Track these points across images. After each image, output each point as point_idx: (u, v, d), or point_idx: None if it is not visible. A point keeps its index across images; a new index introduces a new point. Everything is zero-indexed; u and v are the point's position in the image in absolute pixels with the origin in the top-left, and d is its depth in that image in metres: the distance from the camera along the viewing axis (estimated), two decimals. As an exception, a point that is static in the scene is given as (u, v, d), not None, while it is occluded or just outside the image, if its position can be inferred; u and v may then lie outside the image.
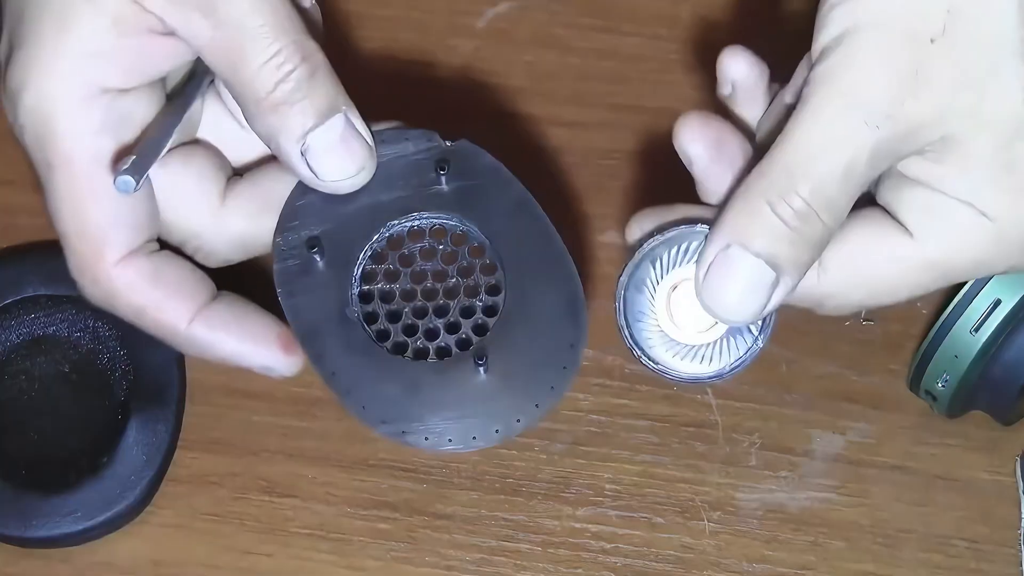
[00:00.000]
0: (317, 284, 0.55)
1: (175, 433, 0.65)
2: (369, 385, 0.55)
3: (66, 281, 0.64)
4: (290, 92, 0.52)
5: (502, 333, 0.55)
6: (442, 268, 0.56)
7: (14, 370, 0.66)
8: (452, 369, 0.55)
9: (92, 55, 0.52)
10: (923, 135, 0.50)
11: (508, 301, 0.56)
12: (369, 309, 0.56)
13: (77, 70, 0.52)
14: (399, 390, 0.55)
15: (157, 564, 0.63)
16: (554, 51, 0.73)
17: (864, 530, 0.64)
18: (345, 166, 0.53)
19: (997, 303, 0.60)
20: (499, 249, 0.56)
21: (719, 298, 0.51)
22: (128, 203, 0.53)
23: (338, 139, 0.53)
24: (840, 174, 0.49)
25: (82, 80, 0.52)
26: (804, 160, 0.49)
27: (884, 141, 0.49)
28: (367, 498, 0.65)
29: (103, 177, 0.52)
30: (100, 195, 0.52)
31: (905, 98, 0.49)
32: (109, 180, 0.52)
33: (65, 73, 0.52)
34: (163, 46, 0.53)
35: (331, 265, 0.56)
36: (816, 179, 0.49)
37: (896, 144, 0.50)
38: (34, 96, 0.52)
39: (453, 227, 0.56)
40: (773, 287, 0.50)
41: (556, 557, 0.64)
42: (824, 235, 0.50)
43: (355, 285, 0.56)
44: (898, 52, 0.49)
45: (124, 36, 0.52)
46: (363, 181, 0.54)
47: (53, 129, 0.52)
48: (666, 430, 0.66)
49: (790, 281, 0.50)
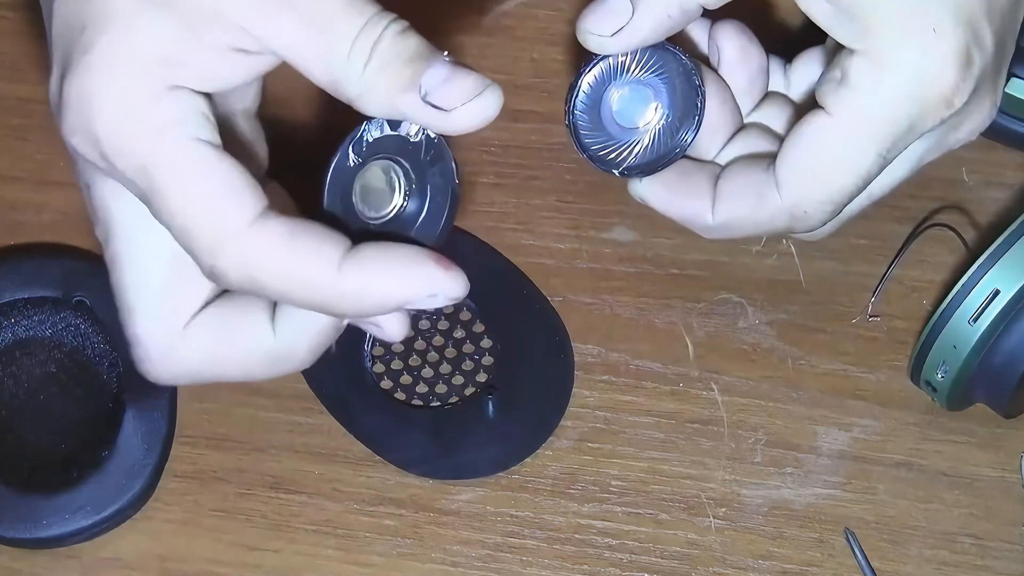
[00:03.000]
0: (335, 364, 0.64)
1: (172, 419, 0.65)
2: (400, 437, 0.65)
3: (42, 282, 0.66)
4: (389, 50, 0.50)
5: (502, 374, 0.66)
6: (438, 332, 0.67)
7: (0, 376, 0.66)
8: (466, 410, 0.65)
9: (164, 60, 0.50)
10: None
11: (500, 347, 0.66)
12: (384, 374, 0.67)
13: (148, 69, 0.50)
14: (426, 436, 0.65)
15: (163, 559, 0.64)
16: (560, 48, 0.73)
17: (869, 526, 0.64)
18: (469, 87, 0.50)
19: (996, 293, 0.60)
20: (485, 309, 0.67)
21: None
22: (235, 172, 0.51)
23: (450, 71, 0.51)
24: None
25: (155, 77, 0.50)
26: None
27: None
28: (373, 494, 0.65)
29: (204, 152, 0.50)
30: (206, 171, 0.51)
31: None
32: (210, 153, 0.50)
33: (138, 72, 0.50)
34: (233, 58, 0.51)
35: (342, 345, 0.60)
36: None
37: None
38: (110, 95, 0.50)
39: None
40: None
41: (562, 553, 0.64)
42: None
43: (368, 359, 0.66)
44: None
45: (197, 42, 0.51)
46: (493, 109, 0.51)
47: (136, 127, 0.50)
48: (672, 427, 0.66)
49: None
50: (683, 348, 0.67)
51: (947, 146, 0.61)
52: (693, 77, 0.60)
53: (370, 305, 0.51)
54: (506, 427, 0.65)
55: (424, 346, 0.67)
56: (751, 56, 0.62)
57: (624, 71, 0.60)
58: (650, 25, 0.58)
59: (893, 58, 0.56)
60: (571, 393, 0.66)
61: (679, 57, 0.60)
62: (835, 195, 0.58)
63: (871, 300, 0.67)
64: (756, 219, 0.60)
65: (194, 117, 0.51)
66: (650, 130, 0.61)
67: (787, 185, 0.59)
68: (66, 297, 0.67)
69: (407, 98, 0.51)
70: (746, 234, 0.62)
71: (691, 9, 0.58)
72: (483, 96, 0.50)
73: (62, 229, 0.70)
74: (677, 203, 0.62)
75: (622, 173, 0.62)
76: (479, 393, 0.66)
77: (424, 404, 0.66)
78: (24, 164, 0.71)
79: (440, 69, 0.50)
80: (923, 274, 0.68)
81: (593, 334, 0.68)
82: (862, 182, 0.58)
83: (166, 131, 0.50)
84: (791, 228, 0.60)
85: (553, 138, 0.71)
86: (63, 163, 0.71)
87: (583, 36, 0.59)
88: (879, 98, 0.56)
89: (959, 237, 0.66)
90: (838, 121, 0.57)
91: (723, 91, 0.62)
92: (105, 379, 0.66)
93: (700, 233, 0.62)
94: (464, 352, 0.67)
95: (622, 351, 0.67)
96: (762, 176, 0.60)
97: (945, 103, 0.56)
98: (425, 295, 0.51)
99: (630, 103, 0.61)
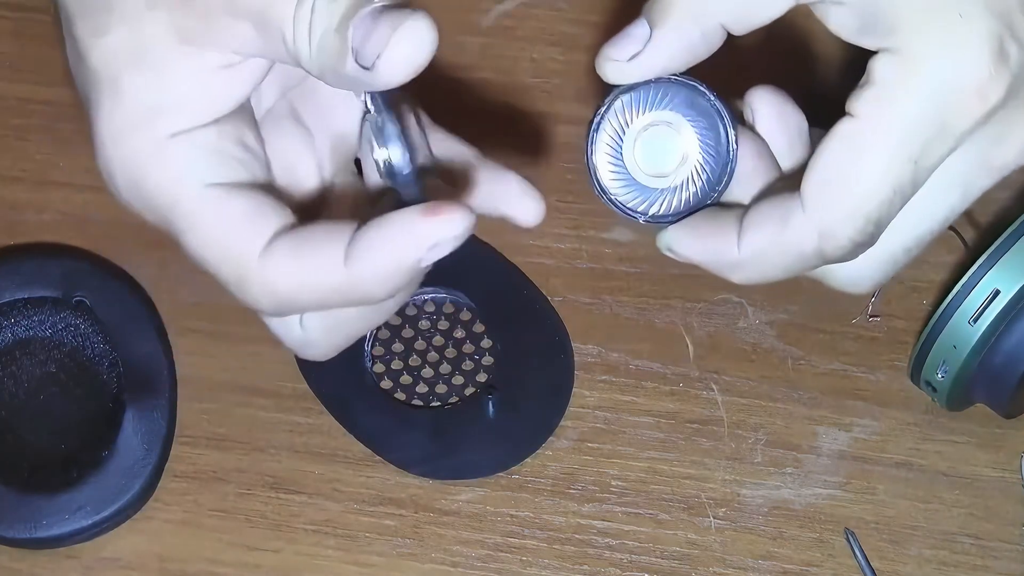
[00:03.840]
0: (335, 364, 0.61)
1: (172, 419, 0.65)
2: (400, 438, 0.65)
3: (42, 282, 0.66)
4: (320, 23, 0.48)
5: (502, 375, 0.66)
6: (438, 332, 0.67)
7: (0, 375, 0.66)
8: (466, 410, 0.66)
9: (156, 111, 0.50)
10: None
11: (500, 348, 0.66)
12: (384, 374, 0.67)
13: (143, 128, 0.51)
14: (426, 436, 0.65)
15: (163, 560, 0.64)
16: (560, 48, 0.73)
17: (869, 526, 0.64)
18: (384, 33, 0.47)
19: (996, 294, 0.60)
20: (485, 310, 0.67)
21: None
22: (245, 204, 0.51)
23: (371, 23, 0.47)
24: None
25: (154, 133, 0.51)
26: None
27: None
28: (373, 494, 0.65)
29: (213, 197, 0.51)
30: (217, 214, 0.51)
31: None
32: (219, 195, 0.50)
33: (135, 134, 0.51)
34: (219, 81, 0.51)
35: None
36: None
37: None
38: (119, 162, 0.51)
39: (442, 299, 0.68)
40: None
41: (562, 553, 0.64)
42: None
43: (368, 359, 0.67)
44: None
45: (178, 83, 0.51)
46: (414, 50, 0.47)
47: (148, 186, 0.51)
48: (672, 427, 0.66)
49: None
50: (683, 348, 0.67)
51: (997, 169, 0.54)
52: (724, 120, 0.54)
53: (390, 282, 0.49)
54: (506, 427, 0.65)
55: (424, 346, 0.67)
56: (788, 117, 0.56)
57: (648, 110, 0.55)
58: (668, 50, 0.53)
59: (918, 51, 0.51)
60: (571, 393, 0.66)
61: (708, 97, 0.54)
62: (863, 206, 0.51)
63: (871, 300, 0.67)
64: (783, 245, 0.53)
65: (200, 160, 0.51)
66: (678, 178, 0.55)
67: (811, 199, 0.52)
68: (66, 297, 0.67)
69: (346, 66, 0.48)
70: (777, 268, 0.54)
71: (712, 33, 0.53)
72: (401, 40, 0.47)
73: (62, 229, 0.70)
74: (702, 245, 0.55)
75: (647, 221, 0.56)
76: (479, 393, 0.66)
77: (424, 404, 0.66)
78: (24, 164, 0.71)
79: (360, 25, 0.47)
80: (923, 274, 0.68)
81: (593, 334, 0.68)
82: (892, 191, 0.51)
83: (175, 184, 0.51)
84: (823, 253, 0.53)
85: (553, 138, 0.71)
86: (63, 163, 0.71)
87: (601, 64, 0.54)
88: (905, 93, 0.51)
89: (959, 237, 0.66)
90: (863, 123, 0.52)
91: (759, 143, 0.56)
92: (105, 379, 0.66)
93: (730, 277, 0.55)
94: (464, 352, 0.67)
95: (622, 351, 0.67)
96: (788, 199, 0.53)
97: (978, 96, 0.51)
98: (428, 250, 0.48)
99: (656, 147, 0.55)
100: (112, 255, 0.69)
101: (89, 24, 0.51)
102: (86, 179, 0.70)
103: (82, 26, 0.52)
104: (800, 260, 0.53)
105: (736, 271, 0.55)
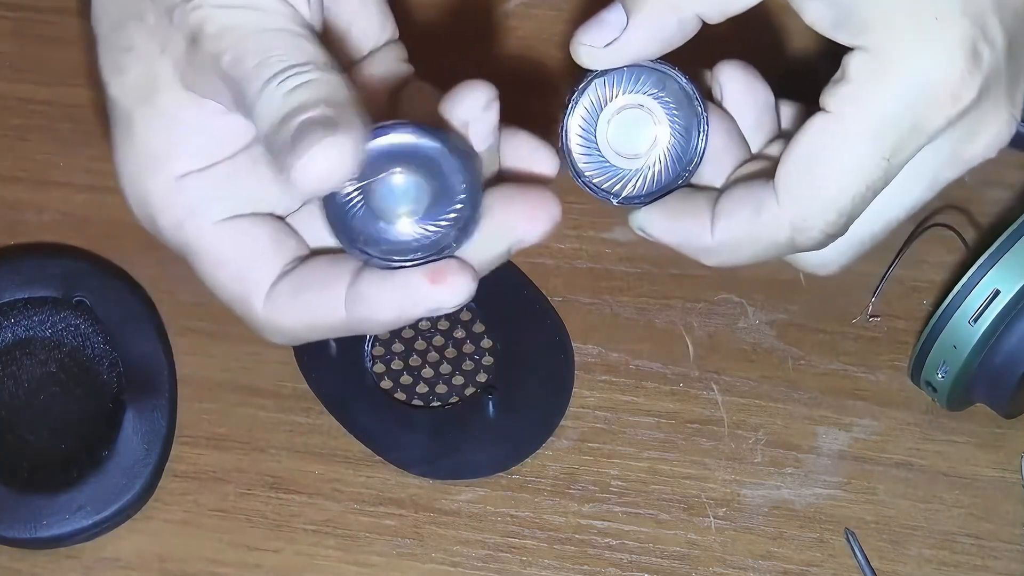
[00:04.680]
0: (335, 364, 0.65)
1: (172, 419, 0.65)
2: (400, 438, 0.65)
3: (42, 282, 0.66)
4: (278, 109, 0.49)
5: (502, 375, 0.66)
6: (438, 332, 0.67)
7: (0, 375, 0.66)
8: (466, 410, 0.66)
9: (165, 155, 0.53)
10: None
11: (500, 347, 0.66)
12: (384, 374, 0.67)
13: (153, 171, 0.53)
14: (426, 436, 0.65)
15: (163, 560, 0.64)
16: (559, 48, 0.73)
17: (869, 526, 0.64)
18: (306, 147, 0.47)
19: (996, 294, 0.60)
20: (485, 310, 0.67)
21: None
22: (253, 242, 0.54)
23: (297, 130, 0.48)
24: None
25: (164, 175, 0.53)
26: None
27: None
28: (373, 494, 0.65)
29: (221, 234, 0.53)
30: (226, 253, 0.54)
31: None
32: (227, 233, 0.53)
33: (147, 177, 0.53)
34: (223, 125, 0.53)
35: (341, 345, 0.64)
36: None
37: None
38: (137, 200, 0.54)
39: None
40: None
41: (562, 553, 0.64)
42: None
43: (368, 359, 0.67)
44: None
45: (184, 128, 0.53)
46: (324, 168, 0.47)
47: (163, 223, 0.54)
48: (672, 426, 0.66)
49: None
50: (683, 348, 0.67)
51: (964, 161, 0.55)
52: (695, 103, 0.56)
53: (389, 327, 0.52)
54: (506, 427, 0.66)
55: (424, 346, 0.67)
56: (756, 93, 0.58)
57: (621, 93, 0.56)
58: (644, 37, 0.55)
59: (893, 50, 0.52)
60: (571, 393, 0.66)
61: (679, 80, 0.56)
62: (836, 200, 0.53)
63: (871, 300, 0.67)
64: (755, 233, 0.55)
65: (208, 199, 0.53)
66: (650, 159, 0.57)
67: (785, 190, 0.54)
68: (66, 297, 0.67)
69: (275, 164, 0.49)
70: (749, 255, 0.56)
71: (688, 21, 0.54)
72: (315, 157, 0.47)
73: (62, 229, 0.70)
74: (675, 228, 0.57)
75: (620, 203, 0.58)
76: (479, 393, 0.66)
77: (424, 404, 0.66)
78: (24, 164, 0.71)
79: (292, 130, 0.48)
80: (923, 274, 0.68)
81: (593, 334, 0.68)
82: (864, 187, 0.53)
83: (183, 226, 0.53)
84: (794, 243, 0.55)
85: (553, 139, 0.71)
86: (63, 163, 0.71)
87: (575, 48, 0.56)
88: (879, 91, 0.52)
89: (959, 237, 0.66)
90: (836, 118, 0.53)
91: (728, 121, 0.58)
92: (105, 379, 0.66)
93: (702, 260, 0.57)
94: (464, 352, 0.67)
95: (622, 351, 0.67)
96: (761, 188, 0.55)
97: (951, 97, 0.52)
98: (424, 311, 0.51)
99: (628, 129, 0.57)
100: (112, 255, 0.69)
101: (111, 59, 0.54)
102: (86, 179, 0.70)
103: (106, 59, 0.54)
104: (772, 248, 0.55)
105: (709, 255, 0.57)
